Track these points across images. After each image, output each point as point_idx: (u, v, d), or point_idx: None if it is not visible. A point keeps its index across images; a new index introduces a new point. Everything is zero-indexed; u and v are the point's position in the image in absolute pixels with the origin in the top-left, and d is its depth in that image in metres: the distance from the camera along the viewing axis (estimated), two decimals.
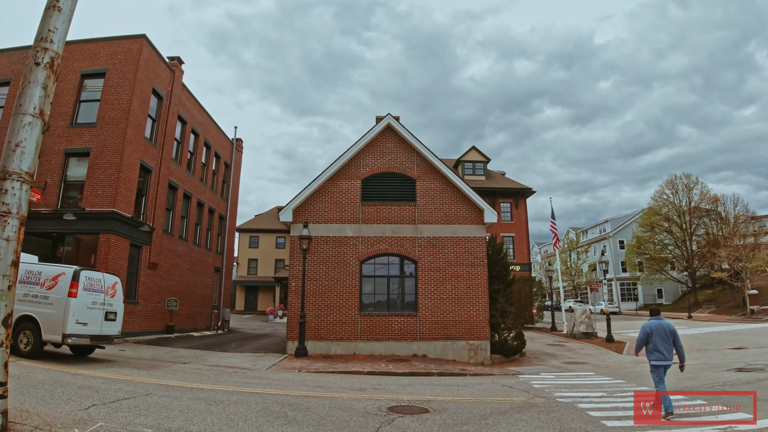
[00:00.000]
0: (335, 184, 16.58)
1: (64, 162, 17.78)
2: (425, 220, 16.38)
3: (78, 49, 18.90)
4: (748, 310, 35.76)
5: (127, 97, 17.78)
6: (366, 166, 16.83)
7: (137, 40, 18.65)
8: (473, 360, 15.13)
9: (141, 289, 18.60)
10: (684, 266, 47.96)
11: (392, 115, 16.98)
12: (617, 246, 59.73)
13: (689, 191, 48.57)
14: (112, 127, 17.55)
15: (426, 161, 16.84)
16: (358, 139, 16.86)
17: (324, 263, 15.93)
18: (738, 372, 11.93)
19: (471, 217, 16.45)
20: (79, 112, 18.40)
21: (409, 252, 16.08)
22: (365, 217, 16.35)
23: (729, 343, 19.51)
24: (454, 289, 15.81)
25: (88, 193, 17.12)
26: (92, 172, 17.27)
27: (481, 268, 15.99)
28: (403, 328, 15.51)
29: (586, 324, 23.22)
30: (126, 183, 17.44)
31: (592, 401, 8.61)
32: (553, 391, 9.81)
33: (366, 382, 10.68)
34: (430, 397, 8.77)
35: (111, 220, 16.67)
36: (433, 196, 16.60)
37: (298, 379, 10.66)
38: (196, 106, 23.76)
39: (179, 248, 22.02)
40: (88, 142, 17.64)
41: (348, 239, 16.13)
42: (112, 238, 16.66)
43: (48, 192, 17.46)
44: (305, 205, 16.37)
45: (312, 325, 15.38)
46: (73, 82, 18.49)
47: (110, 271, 16.75)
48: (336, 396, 8.66)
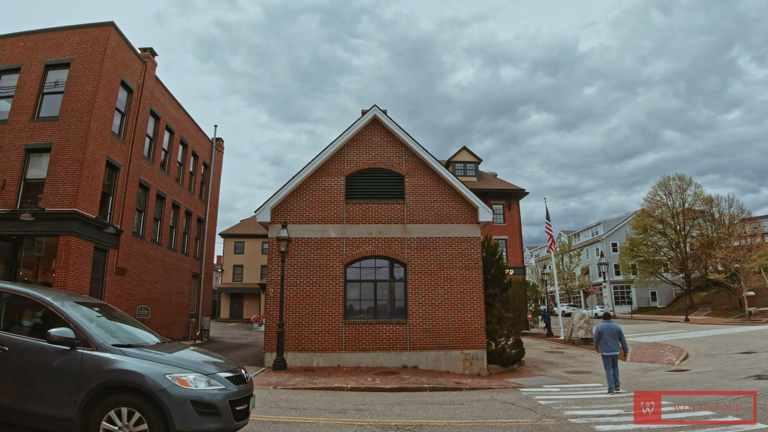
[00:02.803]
0: (317, 181, 15.29)
1: (25, 158, 16.29)
2: (415, 219, 15.14)
3: (42, 38, 17.51)
4: (746, 311, 34.95)
5: (92, 88, 16.37)
6: (350, 161, 15.57)
7: (104, 28, 17.27)
8: (469, 371, 13.86)
9: (107, 296, 17.10)
10: (679, 268, 47.20)
11: (379, 108, 15.76)
12: (610, 249, 58.98)
13: (683, 192, 47.92)
14: (75, 120, 16.12)
15: (415, 156, 15.63)
16: (342, 133, 15.60)
17: (305, 267, 14.61)
18: (758, 380, 10.89)
19: (464, 215, 15.25)
20: (41, 106, 16.93)
21: (398, 254, 14.81)
22: (350, 217, 15.08)
23: (736, 347, 18.50)
24: (447, 293, 14.56)
25: (49, 192, 15.66)
26: (53, 168, 15.81)
27: (476, 270, 14.77)
28: (391, 337, 14.22)
29: (585, 329, 22.09)
30: (89, 181, 16.00)
31: (610, 421, 7.40)
32: (563, 408, 8.58)
33: (349, 401, 9.37)
34: (422, 421, 7.48)
35: (72, 221, 15.21)
36: (423, 193, 15.39)
37: (271, 398, 9.31)
38: (170, 101, 22.36)
39: (151, 252, 20.52)
40: (50, 136, 16.20)
41: (331, 240, 14.84)
42: (73, 240, 15.19)
43: (6, 191, 15.98)
44: (285, 203, 15.06)
45: (292, 334, 14.04)
46: (36, 74, 17.05)
47: (71, 276, 15.39)
48: (311, 421, 7.34)
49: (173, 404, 4.60)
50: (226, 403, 4.88)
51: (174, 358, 5.13)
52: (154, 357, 4.98)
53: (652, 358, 16.80)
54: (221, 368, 5.25)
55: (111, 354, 4.83)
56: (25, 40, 17.49)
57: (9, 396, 4.76)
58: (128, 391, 4.69)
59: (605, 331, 10.69)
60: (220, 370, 5.19)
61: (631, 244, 50.98)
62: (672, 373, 13.43)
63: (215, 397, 4.82)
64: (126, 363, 4.76)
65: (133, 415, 4.64)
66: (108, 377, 4.69)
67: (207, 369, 5.08)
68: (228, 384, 5.04)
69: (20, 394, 4.75)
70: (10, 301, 5.29)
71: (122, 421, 4.63)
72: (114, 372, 4.71)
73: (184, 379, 4.79)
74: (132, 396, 4.67)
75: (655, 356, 17.25)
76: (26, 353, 4.89)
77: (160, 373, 4.73)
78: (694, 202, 47.45)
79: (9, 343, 4.92)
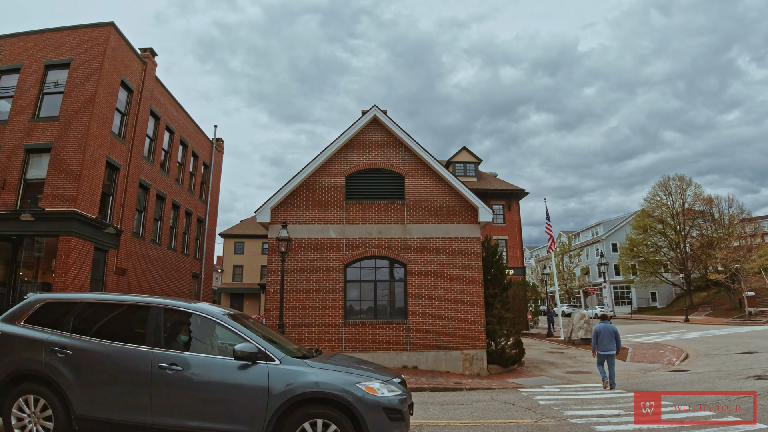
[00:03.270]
0: (317, 182, 15.29)
1: (25, 159, 16.32)
2: (415, 219, 15.14)
3: (42, 38, 17.53)
4: (746, 312, 34.94)
5: (92, 89, 16.38)
6: (351, 161, 15.57)
7: (104, 28, 17.29)
8: (469, 371, 13.86)
9: None
10: (678, 269, 47.19)
11: (379, 108, 15.76)
12: (610, 249, 58.97)
13: (683, 193, 47.88)
14: (75, 120, 16.14)
15: (415, 156, 15.62)
16: (342, 133, 15.59)
17: (305, 267, 14.61)
18: (758, 380, 10.89)
19: (464, 216, 15.25)
20: (42, 106, 16.96)
21: (398, 254, 14.81)
22: (350, 217, 15.08)
23: (736, 347, 18.49)
24: (447, 293, 14.56)
25: (49, 192, 15.67)
26: (53, 169, 15.83)
27: (476, 270, 14.77)
28: (391, 337, 14.21)
29: (585, 329, 22.07)
30: (89, 181, 16.01)
31: (610, 422, 7.40)
32: (563, 408, 8.57)
33: None
34: (422, 421, 7.48)
35: (72, 221, 15.22)
36: (423, 193, 15.38)
37: None
38: (170, 102, 22.36)
39: (151, 253, 20.53)
40: (50, 137, 16.22)
41: (331, 241, 14.84)
42: (73, 240, 15.20)
43: (6, 191, 16.00)
44: (284, 204, 15.06)
45: (292, 335, 14.02)
46: (36, 74, 17.07)
47: (71, 276, 15.39)
48: None
49: (368, 413, 4.55)
50: (406, 407, 4.90)
51: (348, 366, 5.06)
52: (334, 367, 4.91)
53: (652, 359, 16.79)
54: (389, 374, 5.24)
55: (297, 366, 4.75)
56: (25, 40, 17.49)
57: (195, 417, 4.57)
58: (320, 402, 4.60)
59: (602, 331, 11.18)
60: (390, 375, 5.16)
61: (631, 244, 50.96)
62: (672, 374, 13.42)
63: (399, 402, 4.80)
64: (316, 374, 4.69)
65: (329, 426, 4.55)
66: (302, 390, 4.58)
67: (383, 376, 5.05)
68: (402, 388, 5.04)
69: (205, 415, 4.57)
70: (169, 318, 5.11)
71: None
72: (307, 384, 4.60)
73: (372, 387, 4.74)
74: (324, 407, 4.59)
75: (655, 356, 17.25)
76: (205, 371, 4.69)
77: (351, 383, 4.68)
78: (694, 202, 47.42)
79: (181, 362, 4.68)
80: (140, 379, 4.62)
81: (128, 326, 5.11)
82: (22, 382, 4.77)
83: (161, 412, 4.55)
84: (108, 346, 4.81)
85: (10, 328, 5.01)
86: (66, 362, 4.71)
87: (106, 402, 4.65)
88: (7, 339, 4.95)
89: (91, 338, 4.88)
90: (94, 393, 4.67)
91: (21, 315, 5.11)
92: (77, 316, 5.05)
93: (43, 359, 4.73)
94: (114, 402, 4.65)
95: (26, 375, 4.79)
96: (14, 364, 4.80)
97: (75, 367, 4.70)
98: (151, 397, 4.56)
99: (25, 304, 5.23)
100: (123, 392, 4.66)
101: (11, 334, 4.96)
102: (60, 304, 5.21)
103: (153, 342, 4.81)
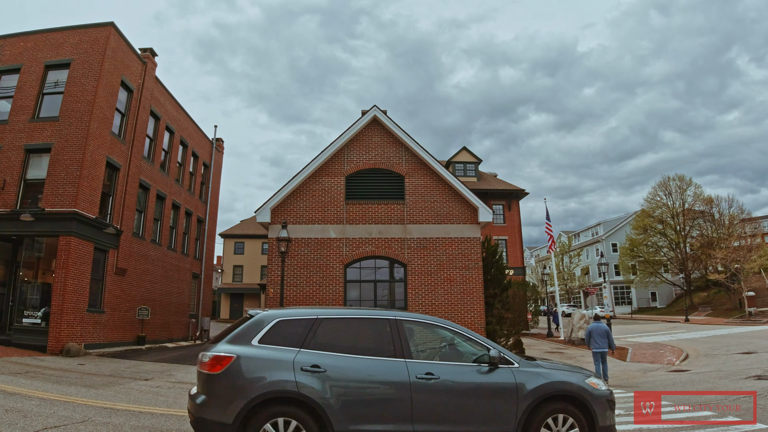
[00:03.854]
0: (317, 182, 15.29)
1: (25, 159, 16.30)
2: (415, 219, 15.14)
3: (42, 39, 17.51)
4: (746, 312, 34.93)
5: (92, 89, 16.37)
6: (351, 162, 15.57)
7: (104, 28, 17.27)
8: None
9: (107, 296, 17.10)
10: (679, 269, 47.17)
11: (379, 108, 15.76)
12: (610, 249, 58.96)
13: (682, 193, 47.85)
14: (75, 120, 16.13)
15: (415, 156, 15.63)
16: (342, 133, 15.60)
17: (305, 267, 14.61)
18: (758, 380, 10.91)
19: (464, 216, 15.25)
20: (42, 106, 16.94)
21: (398, 254, 14.81)
22: (350, 217, 15.08)
23: (736, 347, 18.49)
24: (447, 294, 14.56)
25: (48, 192, 15.66)
26: (53, 169, 15.82)
27: (476, 271, 14.77)
28: None
29: (585, 329, 22.04)
30: (89, 181, 16.00)
31: None
32: None
33: None
34: None
35: (72, 221, 15.21)
36: (423, 193, 15.38)
37: None
38: (170, 102, 22.36)
39: (151, 253, 20.52)
40: (50, 137, 16.20)
41: (331, 241, 14.84)
42: (73, 240, 15.19)
43: (6, 191, 15.99)
44: (284, 204, 15.06)
45: None
46: (36, 74, 17.05)
47: (71, 276, 15.38)
48: None
49: (597, 405, 5.06)
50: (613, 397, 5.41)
51: (566, 366, 5.70)
52: (561, 367, 5.55)
53: (652, 359, 16.79)
54: (585, 370, 5.76)
55: (533, 368, 5.19)
56: (25, 40, 17.49)
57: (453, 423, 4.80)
58: (558, 399, 5.04)
59: (595, 330, 12.16)
60: (588, 371, 5.67)
61: (631, 244, 50.95)
62: (672, 374, 13.42)
63: (611, 392, 5.36)
64: (552, 375, 5.16)
65: (567, 420, 5.01)
66: (546, 389, 4.99)
67: (588, 372, 5.60)
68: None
69: (462, 419, 4.82)
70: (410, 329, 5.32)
71: (557, 427, 4.98)
72: (551, 384, 5.04)
73: (594, 382, 5.27)
74: (563, 403, 5.04)
75: (655, 356, 17.25)
76: (458, 378, 4.95)
77: (582, 380, 5.20)
78: (694, 202, 47.40)
79: (437, 371, 4.90)
80: (401, 389, 4.75)
81: (371, 339, 5.15)
82: (271, 406, 4.57)
83: (422, 420, 4.71)
84: (359, 360, 4.87)
85: (246, 350, 4.75)
86: (321, 380, 4.65)
87: (368, 415, 4.71)
88: (247, 362, 4.68)
89: (340, 354, 4.87)
90: (354, 407, 4.69)
91: (252, 335, 4.88)
92: (316, 333, 4.97)
93: (295, 379, 4.59)
94: (376, 414, 4.73)
95: (275, 398, 4.59)
96: (262, 388, 4.55)
97: (331, 385, 4.66)
98: (412, 405, 4.69)
99: (253, 323, 4.99)
100: (384, 404, 4.76)
101: (250, 356, 4.71)
102: (294, 321, 5.05)
103: (403, 354, 4.94)
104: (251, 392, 4.52)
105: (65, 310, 14.67)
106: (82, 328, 15.48)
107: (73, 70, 16.74)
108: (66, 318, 14.68)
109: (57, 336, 14.42)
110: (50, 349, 14.22)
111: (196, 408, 4.62)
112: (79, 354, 14.50)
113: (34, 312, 15.29)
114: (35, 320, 15.15)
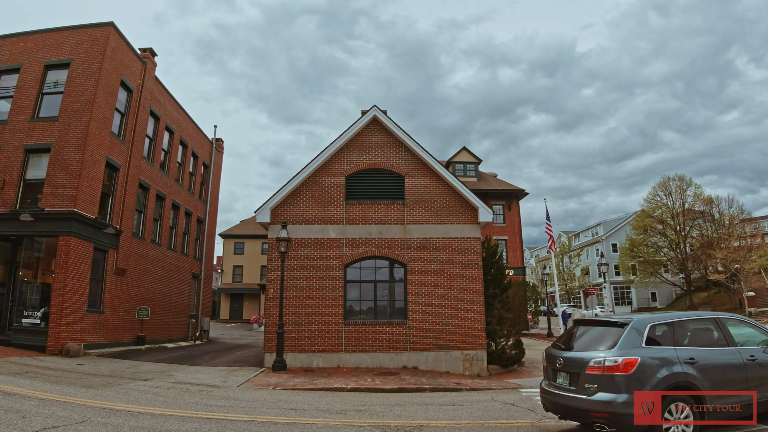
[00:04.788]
0: (317, 182, 15.28)
1: (24, 159, 16.29)
2: (415, 219, 15.13)
3: (42, 38, 17.49)
4: (746, 312, 34.89)
5: (92, 89, 16.35)
6: (350, 162, 15.56)
7: (104, 28, 17.25)
8: (469, 371, 13.85)
9: (107, 297, 17.09)
10: (679, 269, 47.14)
11: (379, 108, 15.75)
12: (610, 249, 58.97)
13: (682, 193, 47.77)
14: (74, 120, 16.11)
15: (415, 156, 15.61)
16: (342, 133, 15.58)
17: (305, 267, 14.60)
18: None
19: (464, 216, 15.24)
20: (41, 106, 16.92)
21: (398, 254, 14.80)
22: (350, 217, 15.07)
23: None
24: (447, 294, 14.55)
25: (48, 192, 15.64)
26: (53, 169, 15.80)
27: (476, 271, 14.76)
28: (391, 337, 14.20)
29: None
30: (89, 181, 15.98)
31: None
32: None
33: (348, 401, 9.35)
34: (422, 422, 7.47)
35: (71, 221, 15.19)
36: (423, 193, 15.37)
37: (271, 399, 9.29)
38: (170, 102, 22.34)
39: (151, 253, 20.50)
40: (50, 137, 16.19)
41: (331, 241, 14.82)
42: (73, 240, 15.17)
43: (6, 191, 15.97)
44: (284, 204, 15.05)
45: (292, 335, 14.02)
46: (36, 74, 17.03)
47: (71, 276, 15.37)
48: (310, 422, 7.33)
49: None
50: None
51: None
52: None
53: None
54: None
55: None
56: (25, 40, 17.47)
57: None
58: None
59: None
60: None
61: (631, 244, 50.91)
62: None
63: None
64: None
65: None
66: None
67: None
68: None
69: None
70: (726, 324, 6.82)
71: None
72: None
73: None
74: None
75: None
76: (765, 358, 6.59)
77: None
78: (694, 202, 47.32)
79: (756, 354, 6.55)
80: (739, 367, 6.38)
81: (709, 334, 6.74)
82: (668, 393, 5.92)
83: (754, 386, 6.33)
84: (711, 351, 6.41)
85: (643, 351, 6.04)
86: (698, 370, 6.06)
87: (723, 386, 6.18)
88: (650, 362, 5.97)
89: (700, 347, 6.39)
90: (716, 384, 6.13)
91: (640, 340, 6.16)
92: (674, 332, 6.43)
93: (683, 370, 5.99)
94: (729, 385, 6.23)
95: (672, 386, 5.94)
96: (666, 381, 5.89)
97: (703, 372, 6.09)
98: (746, 374, 6.36)
99: (633, 331, 6.23)
100: (732, 377, 6.30)
101: (652, 357, 6.02)
102: (659, 325, 6.47)
103: (732, 343, 6.59)
104: (658, 385, 5.88)
105: (65, 311, 14.66)
106: (82, 329, 15.47)
107: (72, 70, 16.72)
108: (65, 318, 14.67)
109: (56, 336, 14.40)
110: (50, 349, 14.20)
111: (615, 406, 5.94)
112: (78, 354, 14.48)
113: (33, 312, 15.29)
114: (35, 320, 15.15)
